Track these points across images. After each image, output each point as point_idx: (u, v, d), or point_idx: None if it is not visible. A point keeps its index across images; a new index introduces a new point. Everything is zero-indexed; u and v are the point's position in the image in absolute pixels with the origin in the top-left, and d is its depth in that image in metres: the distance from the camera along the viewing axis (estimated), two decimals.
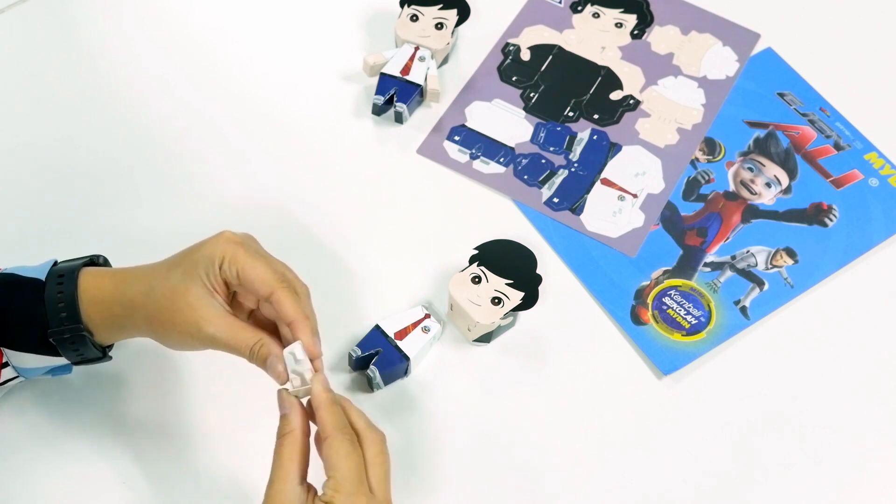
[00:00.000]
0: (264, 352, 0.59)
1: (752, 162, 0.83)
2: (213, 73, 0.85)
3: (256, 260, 0.59)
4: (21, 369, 0.62)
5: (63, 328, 0.59)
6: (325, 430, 0.57)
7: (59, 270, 0.61)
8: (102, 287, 0.60)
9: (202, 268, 0.59)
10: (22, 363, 0.61)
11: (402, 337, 0.70)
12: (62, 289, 0.60)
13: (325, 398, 0.58)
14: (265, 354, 0.59)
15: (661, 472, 0.69)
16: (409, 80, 0.81)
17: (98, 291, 0.60)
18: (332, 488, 0.55)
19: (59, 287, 0.60)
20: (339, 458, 0.56)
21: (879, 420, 0.72)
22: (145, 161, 0.80)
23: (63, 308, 0.59)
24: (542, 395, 0.72)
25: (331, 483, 0.55)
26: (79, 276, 0.60)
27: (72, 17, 0.87)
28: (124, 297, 0.60)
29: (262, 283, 0.59)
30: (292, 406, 0.58)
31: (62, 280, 0.60)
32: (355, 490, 0.55)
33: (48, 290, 0.59)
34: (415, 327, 0.70)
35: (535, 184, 0.81)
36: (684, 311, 0.75)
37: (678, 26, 0.90)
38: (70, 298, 0.59)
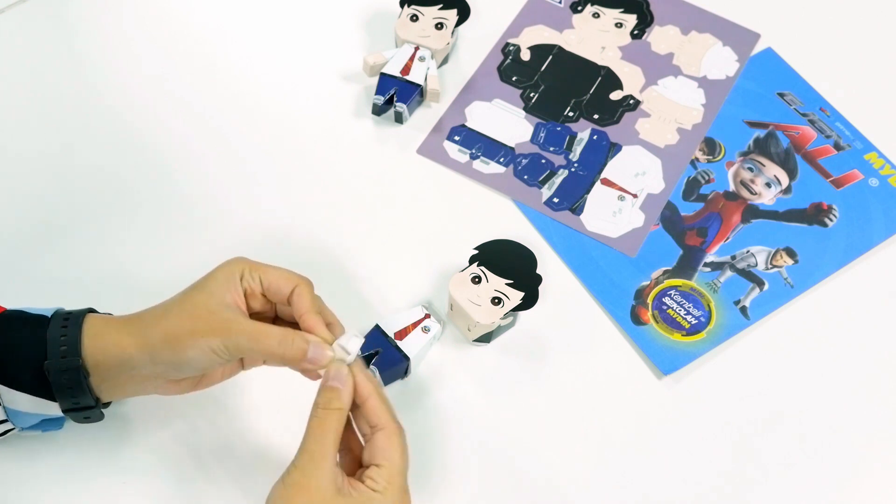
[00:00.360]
0: (298, 341, 0.57)
1: (752, 162, 0.83)
2: (213, 73, 0.85)
3: (273, 266, 0.61)
4: (12, 412, 0.60)
5: (61, 361, 0.57)
6: (382, 420, 0.57)
7: (65, 313, 0.60)
8: (109, 326, 0.59)
9: (221, 283, 0.59)
10: (14, 403, 0.59)
11: (402, 337, 0.70)
12: (66, 325, 0.59)
13: (374, 387, 0.58)
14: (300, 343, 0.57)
15: (661, 472, 0.69)
16: (409, 80, 0.81)
17: (104, 331, 0.59)
18: (386, 480, 0.55)
19: (64, 323, 0.59)
20: (396, 452, 0.56)
21: (879, 420, 0.72)
22: (145, 160, 0.80)
23: (64, 343, 0.58)
24: (542, 395, 0.72)
25: (383, 473, 0.55)
26: (84, 318, 0.59)
27: (72, 17, 0.87)
28: (135, 328, 0.58)
29: (286, 279, 0.60)
30: (347, 382, 0.57)
31: (67, 319, 0.59)
32: (404, 486, 0.56)
33: (51, 326, 0.58)
34: (415, 327, 0.70)
35: (535, 184, 0.81)
36: (684, 311, 0.75)
37: (678, 26, 0.90)
38: (73, 337, 0.58)
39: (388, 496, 0.55)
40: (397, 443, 0.56)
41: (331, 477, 0.54)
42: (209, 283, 0.59)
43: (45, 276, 0.73)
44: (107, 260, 0.75)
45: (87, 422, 0.62)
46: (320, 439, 0.55)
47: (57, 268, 0.74)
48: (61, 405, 0.59)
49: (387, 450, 0.56)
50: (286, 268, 0.62)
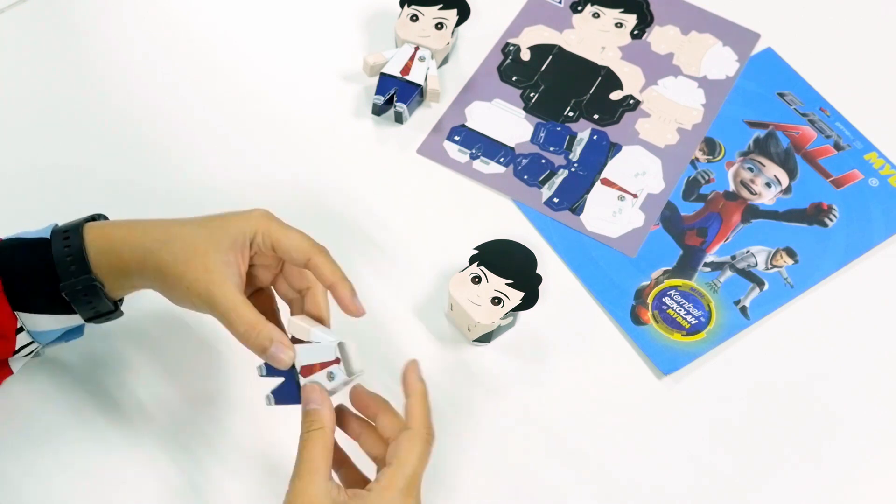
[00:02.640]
0: (264, 335, 0.57)
1: (752, 162, 0.83)
2: (213, 72, 0.85)
3: (290, 230, 0.60)
4: (36, 333, 0.61)
5: (74, 280, 0.59)
6: (413, 422, 0.57)
7: (63, 227, 0.60)
8: (111, 236, 0.60)
9: (230, 236, 0.58)
10: (36, 326, 0.61)
11: (307, 374, 0.59)
12: (69, 243, 0.59)
13: (421, 389, 0.59)
14: (264, 339, 0.57)
15: (660, 472, 0.69)
16: (409, 80, 0.81)
17: (106, 241, 0.59)
18: (388, 479, 0.55)
19: (66, 242, 0.59)
20: (412, 455, 0.56)
21: (880, 420, 0.72)
22: (145, 159, 0.80)
23: (72, 261, 0.59)
24: (543, 395, 0.72)
25: (387, 473, 0.55)
26: (83, 230, 0.60)
27: (72, 17, 0.87)
28: (137, 243, 0.59)
29: (299, 250, 0.59)
30: (324, 402, 0.57)
31: (68, 235, 0.60)
32: (408, 492, 0.55)
33: (55, 247, 0.59)
34: (322, 368, 0.59)
35: (535, 184, 0.81)
36: (684, 311, 0.75)
37: (678, 26, 0.90)
38: (78, 251, 0.59)
39: (384, 496, 0.54)
40: (417, 446, 0.56)
41: (323, 492, 0.54)
42: (219, 231, 0.59)
43: None
44: None
45: (107, 321, 0.63)
46: (308, 461, 0.55)
47: None
48: (82, 315, 0.61)
49: (402, 450, 0.56)
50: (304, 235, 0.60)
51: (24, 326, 0.60)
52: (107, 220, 0.63)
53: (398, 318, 0.74)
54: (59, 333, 0.63)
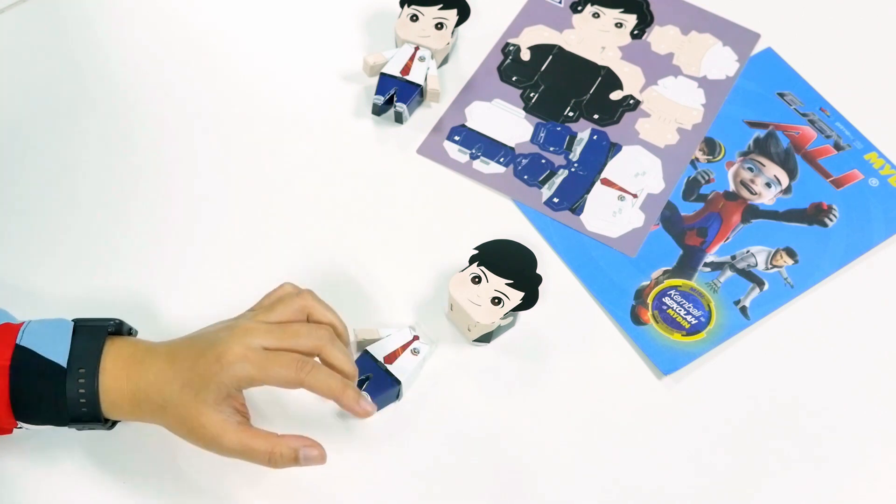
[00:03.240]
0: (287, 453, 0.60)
1: (752, 162, 0.83)
2: (213, 72, 0.85)
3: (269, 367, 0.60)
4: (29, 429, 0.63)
5: (84, 421, 0.61)
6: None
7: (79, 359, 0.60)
8: (121, 390, 0.60)
9: (213, 390, 0.59)
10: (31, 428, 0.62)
11: (391, 361, 0.69)
12: (84, 385, 0.59)
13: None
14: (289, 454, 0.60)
15: (660, 472, 0.69)
16: (409, 80, 0.81)
17: (117, 395, 0.60)
18: None
19: (81, 383, 0.59)
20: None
21: (880, 420, 0.72)
22: (145, 159, 0.80)
23: (84, 405, 0.60)
24: (542, 395, 0.72)
25: None
26: (99, 372, 0.60)
27: (72, 17, 0.87)
28: (142, 403, 0.60)
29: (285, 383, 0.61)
30: None
31: (83, 374, 0.59)
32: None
33: (69, 386, 0.59)
34: (404, 350, 0.70)
35: (535, 184, 0.81)
36: (684, 311, 0.75)
37: (678, 26, 0.90)
38: (91, 397, 0.60)
39: None
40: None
41: None
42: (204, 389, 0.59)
43: (44, 280, 0.73)
44: (105, 254, 0.75)
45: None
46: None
47: (55, 271, 0.74)
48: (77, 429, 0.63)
49: None
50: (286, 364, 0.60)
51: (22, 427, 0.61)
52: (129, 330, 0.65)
53: (398, 318, 0.74)
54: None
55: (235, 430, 0.59)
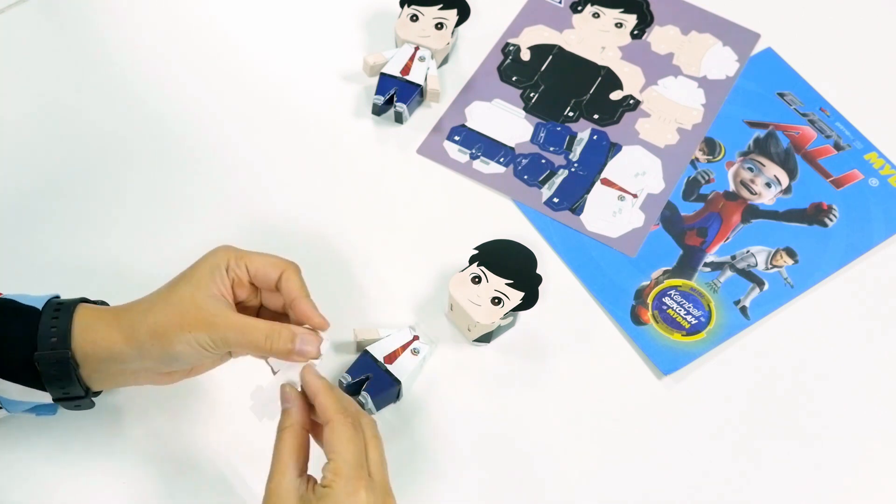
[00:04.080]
0: (286, 334, 0.58)
1: (752, 162, 0.83)
2: (213, 72, 0.85)
3: (258, 253, 0.61)
4: (4, 400, 0.60)
5: (50, 353, 0.58)
6: (327, 414, 0.57)
7: (58, 302, 0.60)
8: (100, 314, 0.60)
9: (207, 275, 0.59)
10: (5, 393, 0.60)
11: (391, 361, 0.69)
12: (57, 321, 0.58)
13: (321, 384, 0.59)
14: (288, 335, 0.58)
15: (660, 472, 0.69)
16: (409, 80, 0.81)
17: (94, 317, 0.59)
18: (333, 472, 0.55)
19: (55, 314, 0.59)
20: (341, 442, 0.56)
21: (880, 420, 0.72)
22: (147, 160, 0.80)
23: (55, 333, 0.58)
24: (542, 395, 0.72)
25: (331, 466, 0.55)
26: (76, 308, 0.59)
27: (72, 17, 0.87)
28: (124, 322, 0.59)
29: (272, 265, 0.61)
30: (295, 400, 0.59)
31: (59, 310, 0.59)
32: (355, 474, 0.55)
33: (43, 318, 0.59)
34: (404, 350, 0.70)
35: (535, 184, 0.81)
36: (684, 311, 0.75)
37: (678, 26, 0.90)
38: (64, 328, 0.58)
39: (336, 489, 0.54)
40: (342, 433, 0.56)
41: (292, 489, 0.55)
42: (195, 274, 0.59)
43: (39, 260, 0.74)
44: (102, 251, 0.75)
45: (77, 409, 0.62)
46: (278, 458, 0.56)
47: (51, 255, 0.74)
48: (51, 394, 0.60)
49: (332, 443, 0.56)
50: (273, 254, 0.62)
51: None
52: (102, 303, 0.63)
53: (398, 318, 0.74)
54: (28, 406, 0.61)
55: (232, 312, 0.59)
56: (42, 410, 0.62)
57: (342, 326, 0.71)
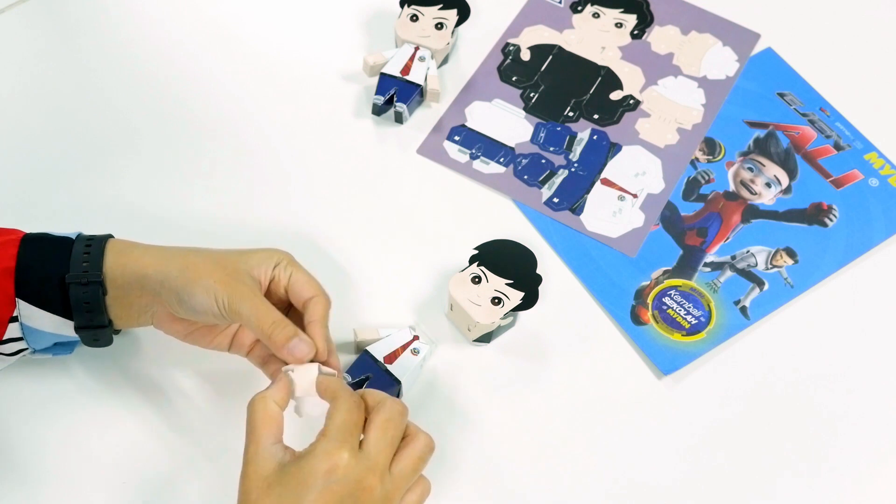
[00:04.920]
0: (289, 330, 0.59)
1: (752, 162, 0.83)
2: (213, 72, 0.85)
3: (305, 271, 0.64)
4: (28, 329, 0.62)
5: (82, 274, 0.60)
6: (335, 393, 0.58)
7: (89, 236, 0.63)
8: (134, 247, 0.62)
9: (256, 258, 0.62)
10: (31, 320, 0.61)
11: (391, 361, 0.69)
12: (91, 244, 0.61)
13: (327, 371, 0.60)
14: (290, 333, 0.59)
15: (660, 472, 0.69)
16: (409, 80, 0.81)
17: (127, 250, 0.62)
18: (320, 434, 0.56)
19: (88, 243, 0.62)
20: (338, 411, 0.56)
21: (880, 420, 0.72)
22: (145, 160, 0.80)
23: (87, 259, 0.61)
24: (543, 394, 0.72)
25: (321, 430, 0.56)
26: (107, 241, 0.62)
27: (72, 17, 0.87)
28: (158, 252, 0.62)
29: (309, 286, 0.63)
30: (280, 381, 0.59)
31: (91, 242, 0.62)
32: (341, 439, 0.55)
33: (76, 247, 0.61)
34: (404, 350, 0.70)
35: (535, 184, 0.81)
36: (684, 311, 0.75)
37: (678, 26, 0.90)
38: (97, 255, 0.61)
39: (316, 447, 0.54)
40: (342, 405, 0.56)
41: (268, 456, 0.55)
42: (247, 252, 0.63)
43: None
44: None
45: (96, 344, 0.64)
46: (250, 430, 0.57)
47: None
48: (76, 321, 0.61)
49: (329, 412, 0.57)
50: (317, 280, 0.64)
51: (20, 317, 0.61)
52: None
53: (398, 318, 0.74)
54: (50, 341, 0.63)
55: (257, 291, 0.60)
56: (60, 350, 0.65)
57: (342, 326, 0.71)
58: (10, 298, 0.60)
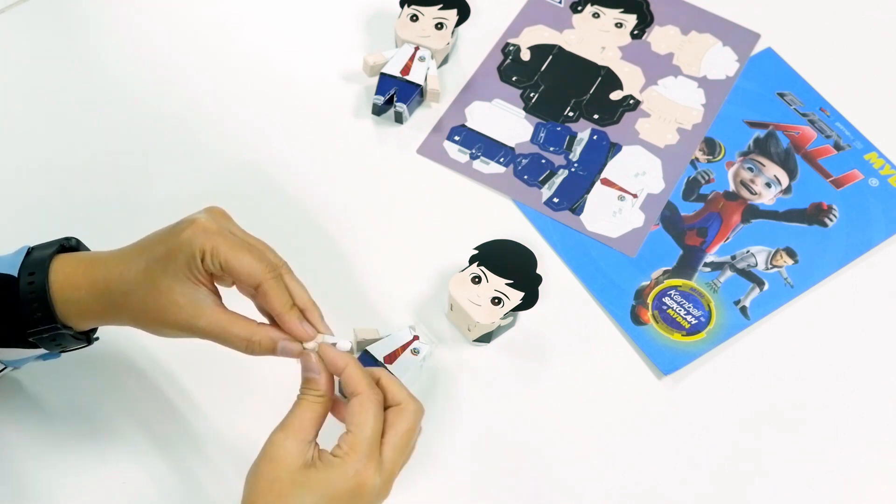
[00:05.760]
0: (265, 343, 0.57)
1: (752, 162, 0.83)
2: (213, 72, 0.85)
3: (239, 250, 0.56)
4: (7, 361, 0.61)
5: (41, 328, 0.57)
6: (358, 387, 0.56)
7: (31, 263, 0.58)
8: (76, 284, 0.58)
9: (182, 261, 0.55)
10: (6, 356, 0.60)
11: (391, 360, 0.69)
12: (34, 285, 0.57)
13: (350, 358, 0.57)
14: (268, 344, 0.57)
15: (660, 472, 0.69)
16: (409, 80, 0.81)
17: (73, 289, 0.58)
18: (349, 445, 0.54)
19: (31, 281, 0.57)
20: (366, 417, 0.55)
21: (880, 420, 0.72)
22: (145, 160, 0.80)
23: (37, 308, 0.57)
24: (542, 395, 0.72)
25: (348, 439, 0.55)
26: (49, 268, 0.58)
27: (72, 17, 0.87)
28: (103, 296, 0.57)
29: (249, 275, 0.56)
30: (322, 371, 0.57)
31: (33, 274, 0.57)
32: (370, 454, 0.54)
33: (21, 289, 0.57)
34: (404, 350, 0.70)
35: (535, 184, 0.81)
36: (684, 311, 0.75)
37: (678, 26, 0.90)
38: (41, 294, 0.57)
39: (347, 462, 0.54)
40: (369, 409, 0.55)
41: (299, 451, 0.54)
42: (172, 262, 0.56)
43: None
44: None
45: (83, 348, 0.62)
46: (297, 419, 0.55)
47: None
48: (51, 351, 0.60)
49: (356, 415, 0.55)
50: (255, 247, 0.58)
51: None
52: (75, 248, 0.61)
53: (398, 318, 0.74)
54: (32, 359, 0.62)
55: (213, 310, 0.56)
56: (48, 357, 0.63)
57: (342, 326, 0.71)
58: None
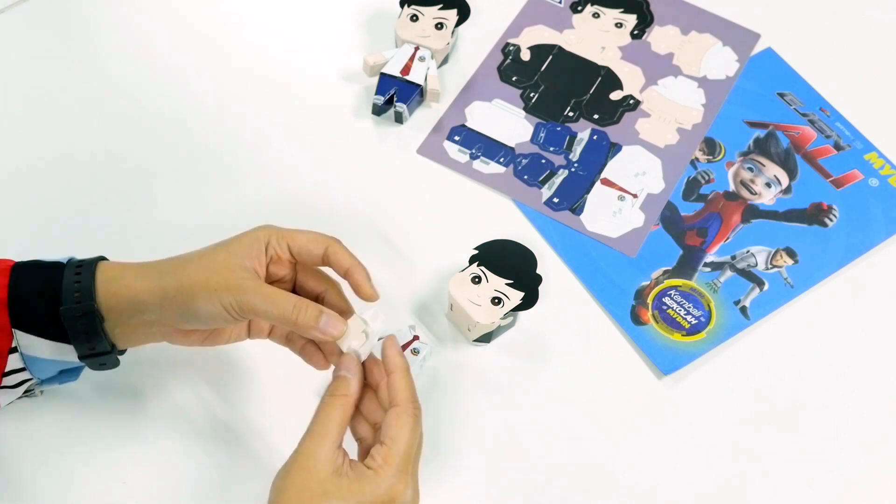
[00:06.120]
0: (312, 309, 0.58)
1: (752, 162, 0.83)
2: (213, 72, 0.85)
3: (299, 230, 0.61)
4: (30, 359, 0.60)
5: (75, 305, 0.58)
6: (399, 397, 0.57)
7: (79, 261, 0.60)
8: (124, 268, 0.60)
9: (245, 246, 0.59)
10: (32, 349, 0.59)
11: None
12: (80, 271, 0.59)
13: (403, 364, 0.59)
14: (314, 311, 0.58)
15: (660, 472, 0.69)
16: (409, 80, 0.81)
17: (117, 271, 0.60)
18: (384, 458, 0.55)
19: (78, 270, 0.59)
20: (403, 431, 0.56)
21: (879, 420, 0.72)
22: (146, 160, 0.80)
23: (78, 287, 0.58)
24: (543, 394, 0.72)
25: (383, 451, 0.55)
26: (96, 266, 0.60)
27: (72, 17, 0.87)
28: (149, 274, 0.59)
29: (315, 242, 0.61)
30: (356, 372, 0.58)
31: (80, 268, 0.59)
32: (404, 468, 0.55)
33: (66, 274, 0.59)
34: (404, 350, 0.69)
35: (535, 184, 0.81)
36: (684, 311, 0.75)
37: (678, 26, 0.90)
38: (87, 282, 0.58)
39: (381, 475, 0.54)
40: (406, 422, 0.56)
41: (330, 457, 0.55)
42: (232, 244, 0.60)
43: None
44: None
45: (103, 368, 0.62)
46: (324, 423, 0.56)
47: None
48: (78, 351, 0.60)
49: (393, 427, 0.56)
50: (313, 230, 0.62)
51: (19, 347, 0.59)
52: None
53: (398, 318, 0.74)
54: (54, 369, 0.61)
55: (261, 281, 0.59)
56: (66, 377, 0.63)
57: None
58: (7, 329, 0.58)
